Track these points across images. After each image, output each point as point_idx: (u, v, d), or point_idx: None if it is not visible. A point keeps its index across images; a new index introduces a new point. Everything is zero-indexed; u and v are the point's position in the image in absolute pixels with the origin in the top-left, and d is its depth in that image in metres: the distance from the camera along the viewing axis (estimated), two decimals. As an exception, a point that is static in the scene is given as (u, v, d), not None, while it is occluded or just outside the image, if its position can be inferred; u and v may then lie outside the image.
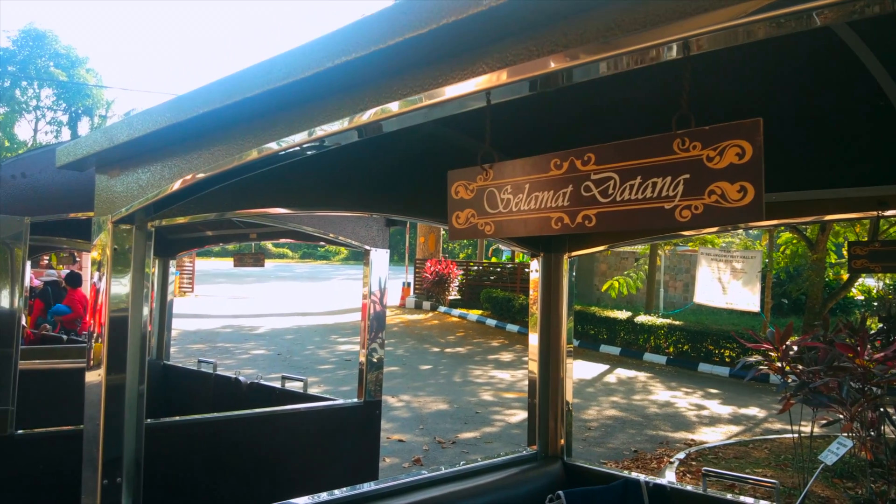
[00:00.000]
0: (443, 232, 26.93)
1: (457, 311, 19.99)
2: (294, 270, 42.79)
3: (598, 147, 1.08)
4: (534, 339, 2.71)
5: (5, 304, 2.55)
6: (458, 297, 21.65)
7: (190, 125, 1.34)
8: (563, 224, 1.11)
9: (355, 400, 3.51)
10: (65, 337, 7.09)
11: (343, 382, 10.29)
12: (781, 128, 1.73)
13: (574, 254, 2.68)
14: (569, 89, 1.02)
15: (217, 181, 1.42)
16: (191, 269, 24.55)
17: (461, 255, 47.00)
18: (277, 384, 4.17)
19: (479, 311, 19.66)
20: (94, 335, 1.66)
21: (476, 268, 24.03)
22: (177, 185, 1.45)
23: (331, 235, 3.22)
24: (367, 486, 2.70)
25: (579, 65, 0.90)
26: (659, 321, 14.21)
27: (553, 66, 0.92)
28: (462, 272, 22.44)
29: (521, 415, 8.82)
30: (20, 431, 2.57)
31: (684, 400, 10.26)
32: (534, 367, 2.71)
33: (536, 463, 2.69)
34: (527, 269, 22.84)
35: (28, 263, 2.71)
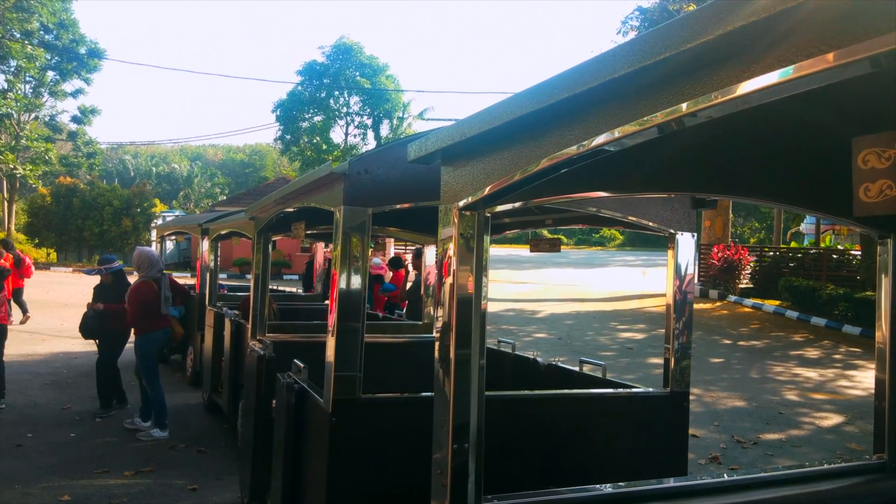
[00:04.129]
0: (731, 216, 25.01)
1: (749, 301, 18.44)
2: (570, 256, 43.14)
3: None
4: (881, 335, 2.37)
5: (354, 285, 2.93)
6: (751, 285, 19.93)
7: (531, 118, 1.39)
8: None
9: (661, 389, 3.40)
10: (381, 314, 7.98)
11: (626, 371, 10.11)
12: None
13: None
14: None
15: (555, 169, 1.46)
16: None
17: (751, 240, 43.28)
18: (574, 367, 4.22)
19: (777, 302, 17.90)
20: (445, 314, 1.82)
21: (772, 253, 21.91)
22: (517, 175, 1.53)
23: (631, 219, 3.14)
24: (676, 482, 2.60)
25: None
26: None
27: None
28: (755, 258, 20.61)
29: (834, 419, 7.86)
30: (366, 395, 2.94)
31: None
32: (882, 367, 2.37)
33: (886, 474, 2.35)
34: (834, 256, 20.24)
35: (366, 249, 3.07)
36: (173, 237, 15.31)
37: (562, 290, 22.97)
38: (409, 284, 10.40)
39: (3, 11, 37.20)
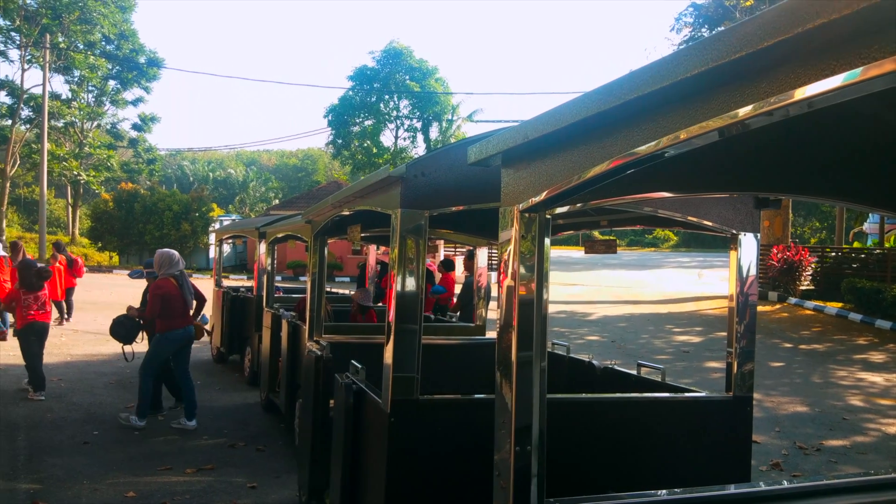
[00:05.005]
0: (791, 216, 24.26)
1: (810, 303, 17.84)
2: (622, 258, 42.51)
3: None
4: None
5: (411, 287, 2.96)
6: (812, 287, 19.28)
7: (597, 119, 1.39)
8: None
9: (722, 393, 3.33)
10: (432, 316, 8.02)
11: (683, 375, 9.90)
12: None
13: None
14: None
15: (621, 170, 1.44)
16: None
17: (812, 241, 41.93)
18: (631, 371, 4.17)
19: (839, 304, 17.27)
20: (506, 316, 1.82)
21: (834, 254, 21.15)
22: (581, 177, 1.52)
23: (691, 219, 3.08)
24: (738, 489, 2.54)
25: None
26: None
27: None
28: (816, 259, 19.93)
29: (903, 426, 7.55)
30: (424, 396, 2.96)
31: None
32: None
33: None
34: (902, 256, 19.41)
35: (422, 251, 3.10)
36: (231, 240, 15.70)
37: (614, 292, 22.65)
38: (458, 287, 10.44)
39: (68, 24, 38.75)
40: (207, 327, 7.13)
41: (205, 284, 24.72)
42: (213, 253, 34.28)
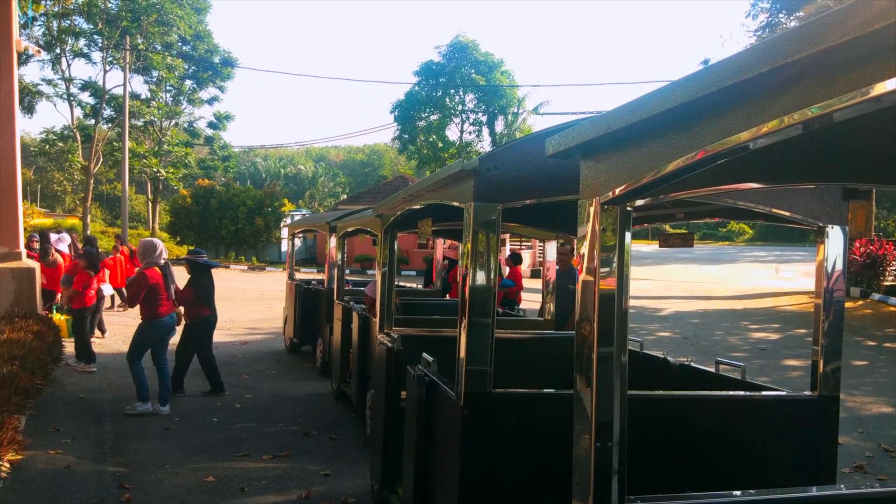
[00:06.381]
0: (874, 208, 23.07)
1: (895, 300, 16.95)
2: (694, 252, 41.36)
3: None
4: None
5: (483, 280, 2.96)
6: (897, 282, 18.31)
7: (686, 108, 1.35)
8: None
9: (807, 393, 3.20)
10: (500, 310, 8.00)
11: (760, 373, 9.55)
12: None
13: None
14: None
15: (710, 161, 1.40)
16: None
17: (898, 234, 39.77)
18: (708, 368, 4.06)
19: (929, 301, 16.34)
20: (586, 311, 1.80)
21: (922, 248, 20.00)
22: (667, 167, 1.48)
23: (775, 211, 2.97)
24: (820, 491, 2.45)
25: None
26: None
27: None
28: (903, 253, 18.89)
29: None
30: (497, 390, 2.96)
31: None
32: None
33: None
34: None
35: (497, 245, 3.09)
36: (302, 235, 16.07)
37: (686, 287, 22.08)
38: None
39: (146, 26, 40.38)
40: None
41: (277, 278, 25.41)
42: (285, 247, 35.21)
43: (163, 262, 7.28)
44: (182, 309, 7.64)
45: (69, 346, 9.36)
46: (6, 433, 4.50)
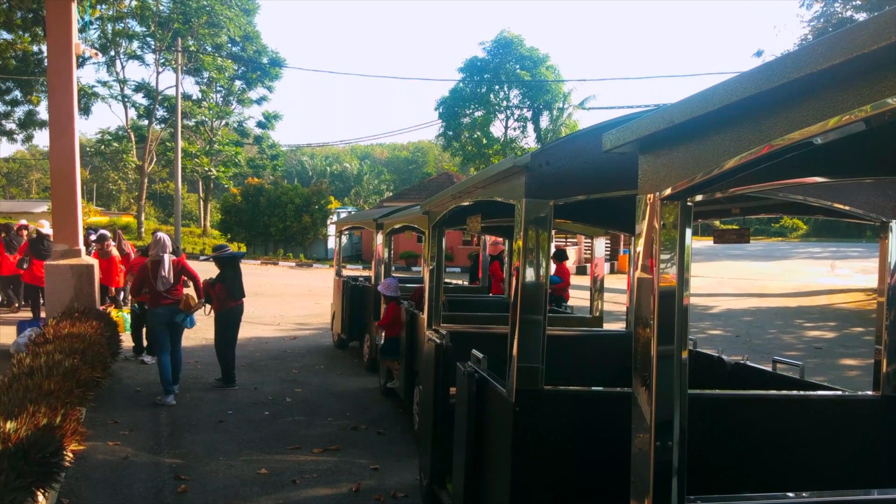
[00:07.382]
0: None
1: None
2: (746, 248, 40.38)
3: None
4: None
5: (535, 277, 2.94)
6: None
7: (753, 101, 1.31)
8: None
9: (869, 393, 3.10)
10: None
11: (816, 372, 9.28)
12: None
13: None
14: None
15: (778, 155, 1.36)
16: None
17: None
18: (764, 367, 3.96)
19: None
20: (645, 308, 1.77)
21: None
22: (732, 161, 1.44)
23: (836, 206, 2.87)
24: (882, 493, 2.36)
25: None
26: None
27: None
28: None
29: None
30: (548, 387, 2.94)
31: None
32: None
33: None
34: None
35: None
36: (348, 231, 16.24)
37: (738, 284, 21.60)
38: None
39: (197, 28, 41.32)
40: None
41: (324, 274, 25.74)
42: (332, 244, 35.66)
43: (159, 256, 7.49)
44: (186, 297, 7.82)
45: (126, 341, 9.66)
46: (69, 424, 4.65)
